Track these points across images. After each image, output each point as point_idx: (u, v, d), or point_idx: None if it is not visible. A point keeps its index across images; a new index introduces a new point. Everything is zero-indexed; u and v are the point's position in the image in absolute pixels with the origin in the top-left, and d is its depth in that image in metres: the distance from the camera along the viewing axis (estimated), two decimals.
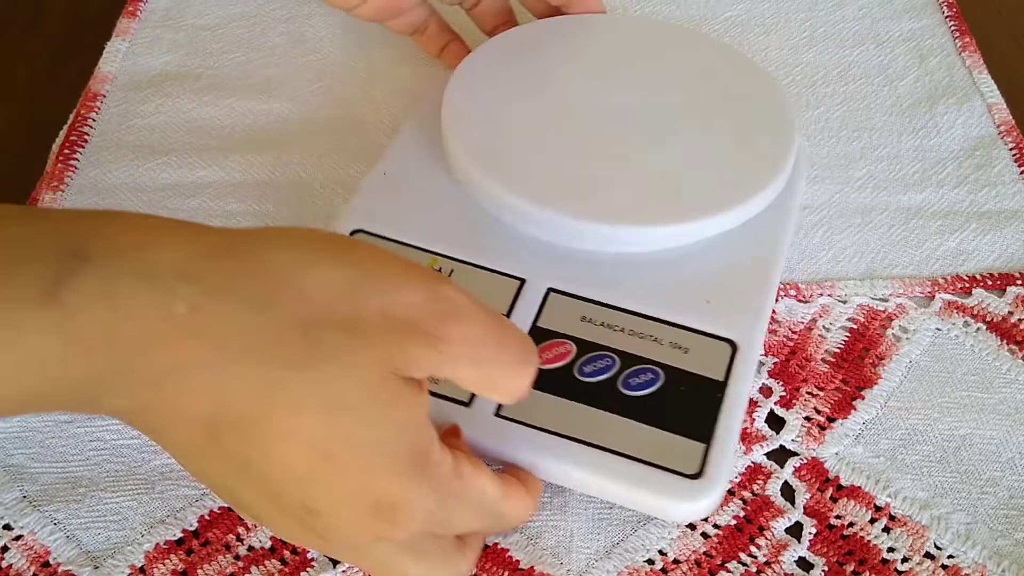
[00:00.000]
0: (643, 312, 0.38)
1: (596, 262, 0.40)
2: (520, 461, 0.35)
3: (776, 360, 0.42)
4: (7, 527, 0.36)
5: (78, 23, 0.57)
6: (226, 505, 0.37)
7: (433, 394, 0.35)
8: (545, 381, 0.36)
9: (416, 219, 0.41)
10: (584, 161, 0.41)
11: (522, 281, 0.39)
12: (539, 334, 0.38)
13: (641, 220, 0.39)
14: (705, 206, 0.40)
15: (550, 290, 0.39)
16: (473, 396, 0.36)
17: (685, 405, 0.36)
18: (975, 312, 0.44)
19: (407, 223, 0.41)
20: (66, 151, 0.48)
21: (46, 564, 0.35)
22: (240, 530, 0.36)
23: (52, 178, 0.47)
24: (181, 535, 0.36)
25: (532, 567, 0.36)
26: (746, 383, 0.37)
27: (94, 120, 0.50)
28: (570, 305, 0.39)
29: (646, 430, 0.35)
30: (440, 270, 0.39)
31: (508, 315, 0.38)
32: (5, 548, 0.36)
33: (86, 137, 0.49)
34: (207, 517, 0.37)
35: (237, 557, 0.36)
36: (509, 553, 0.36)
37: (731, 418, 0.36)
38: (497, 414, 0.35)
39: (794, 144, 0.43)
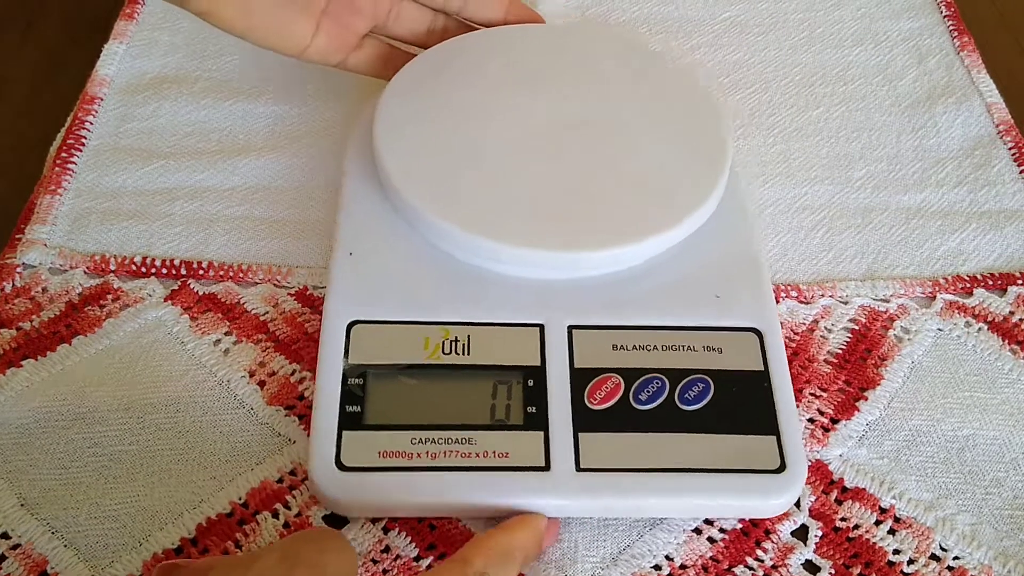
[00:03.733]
0: (666, 324, 0.39)
1: (601, 285, 0.40)
2: (612, 508, 0.36)
3: None
4: (5, 536, 0.36)
5: (76, 25, 0.56)
6: (224, 512, 0.37)
7: (509, 468, 0.35)
8: (608, 420, 0.36)
9: (406, 293, 0.39)
10: (552, 188, 0.41)
11: (541, 326, 0.39)
12: (581, 375, 0.37)
13: (636, 233, 0.39)
14: (685, 204, 0.40)
15: (571, 328, 0.39)
16: (549, 459, 0.36)
17: (741, 404, 0.37)
18: (976, 312, 0.43)
19: (399, 300, 0.39)
20: (63, 154, 0.48)
21: (44, 574, 0.35)
22: (238, 536, 0.36)
23: (50, 182, 0.47)
24: (179, 543, 0.36)
25: None
26: (784, 365, 0.38)
27: (92, 123, 0.49)
28: (597, 337, 0.38)
29: (718, 439, 0.36)
30: (456, 340, 0.38)
31: (542, 363, 0.38)
32: (3, 557, 0.35)
33: (83, 140, 0.49)
34: (205, 524, 0.36)
35: None
36: None
37: (786, 403, 0.37)
38: (578, 469, 0.35)
39: (729, 127, 0.44)
